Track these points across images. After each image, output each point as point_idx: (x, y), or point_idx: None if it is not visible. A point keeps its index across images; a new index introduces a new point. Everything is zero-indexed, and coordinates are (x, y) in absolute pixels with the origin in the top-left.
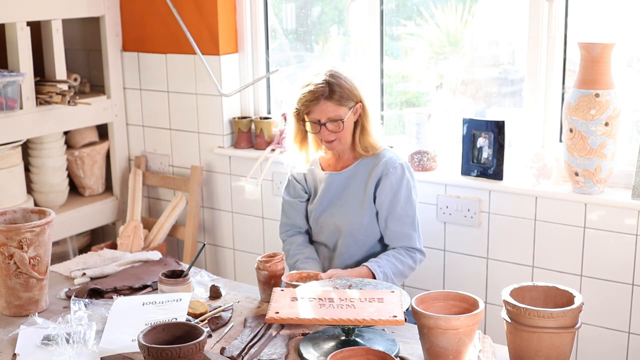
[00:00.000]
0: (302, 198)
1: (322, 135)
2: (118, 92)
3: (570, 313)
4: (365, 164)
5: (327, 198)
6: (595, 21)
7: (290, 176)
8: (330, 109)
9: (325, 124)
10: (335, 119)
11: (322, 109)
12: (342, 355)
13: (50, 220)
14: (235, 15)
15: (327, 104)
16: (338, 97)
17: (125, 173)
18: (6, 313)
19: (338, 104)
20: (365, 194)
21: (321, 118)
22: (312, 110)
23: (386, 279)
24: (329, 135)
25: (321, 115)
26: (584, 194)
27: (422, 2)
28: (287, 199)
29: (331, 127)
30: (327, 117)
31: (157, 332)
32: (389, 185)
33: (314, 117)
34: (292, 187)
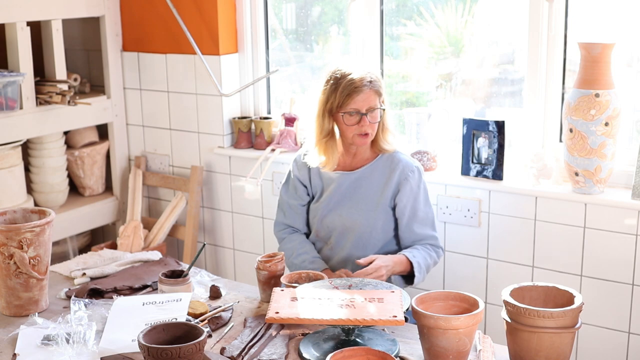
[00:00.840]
0: (303, 201)
1: (361, 126)
2: (118, 92)
3: (570, 313)
4: (380, 166)
5: (336, 198)
6: (595, 21)
7: (293, 177)
8: (371, 98)
9: (366, 114)
10: (375, 107)
11: (365, 97)
12: (342, 355)
13: (50, 220)
14: (235, 15)
15: (370, 93)
16: (377, 86)
17: (125, 173)
18: (6, 313)
19: (377, 94)
20: (382, 197)
21: (362, 108)
22: (354, 101)
23: (420, 270)
24: (369, 126)
25: (363, 104)
26: (584, 194)
27: (422, 2)
28: (287, 199)
29: (371, 118)
30: (369, 106)
31: (157, 332)
32: (409, 190)
33: (354, 107)
34: (294, 188)
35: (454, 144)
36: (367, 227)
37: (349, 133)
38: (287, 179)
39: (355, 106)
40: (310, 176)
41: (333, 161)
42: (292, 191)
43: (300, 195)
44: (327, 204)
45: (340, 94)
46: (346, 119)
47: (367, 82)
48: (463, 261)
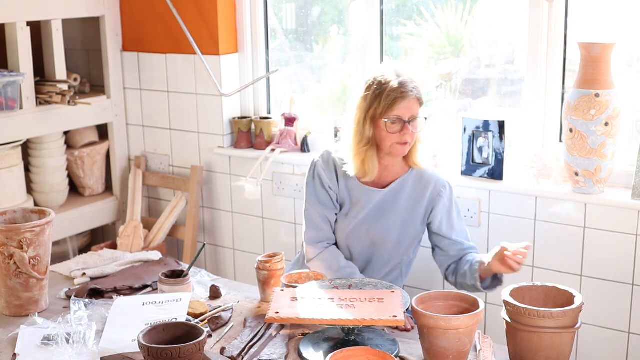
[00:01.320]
0: (335, 210)
1: (403, 134)
2: (118, 92)
3: (570, 313)
4: (410, 181)
5: (364, 213)
6: (595, 21)
7: (324, 184)
8: (415, 107)
9: (409, 122)
10: (417, 116)
11: (409, 105)
12: (342, 355)
13: (50, 220)
14: (235, 15)
15: (414, 101)
16: (420, 95)
17: (125, 173)
18: (6, 313)
19: (419, 103)
20: (412, 214)
21: (406, 115)
22: (398, 107)
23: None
24: (410, 135)
25: (407, 112)
26: (584, 194)
27: (422, 2)
28: (319, 210)
29: (413, 127)
30: (412, 115)
31: (157, 332)
32: (442, 206)
33: (397, 114)
34: (325, 197)
35: (454, 144)
36: (395, 243)
37: (388, 142)
38: (315, 187)
39: (398, 113)
40: (339, 184)
41: (374, 170)
42: (324, 199)
43: (332, 204)
44: (353, 219)
45: (385, 100)
46: (389, 126)
47: (412, 89)
48: None
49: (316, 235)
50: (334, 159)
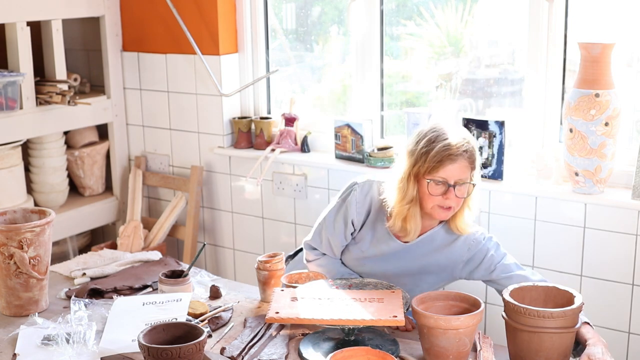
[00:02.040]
0: (345, 242)
1: (446, 198)
2: (118, 92)
3: (570, 313)
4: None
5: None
6: (595, 21)
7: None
8: (464, 170)
9: (454, 186)
10: (465, 180)
11: (457, 167)
12: (342, 355)
13: (50, 220)
14: (235, 15)
15: (464, 164)
16: (473, 158)
17: (125, 173)
18: (6, 313)
19: (471, 166)
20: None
21: (451, 179)
22: (445, 169)
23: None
24: (454, 200)
25: (454, 175)
26: (584, 194)
27: (422, 2)
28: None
29: (458, 192)
30: (459, 178)
31: (157, 332)
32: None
33: (443, 175)
34: (340, 228)
35: None
36: (411, 287)
37: (430, 203)
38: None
39: (444, 175)
40: (365, 223)
41: (415, 231)
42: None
43: (348, 235)
44: (373, 259)
45: (432, 159)
46: (431, 187)
47: (463, 151)
48: None
49: (315, 244)
50: (374, 194)
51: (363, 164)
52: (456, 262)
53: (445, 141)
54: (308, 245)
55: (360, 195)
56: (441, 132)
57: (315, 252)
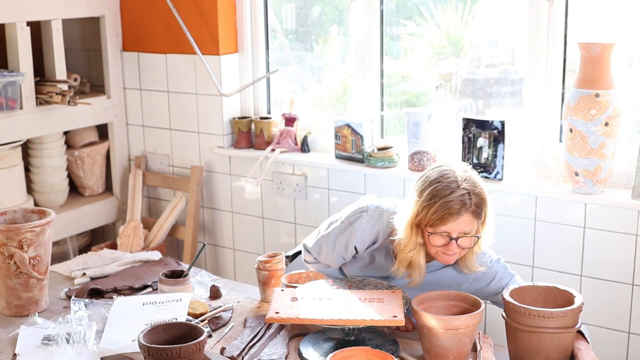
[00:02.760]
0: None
1: (447, 250)
2: (118, 92)
3: (570, 313)
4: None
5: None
6: (595, 21)
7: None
8: (467, 224)
9: (456, 239)
10: (469, 233)
11: (461, 222)
12: (342, 355)
13: (50, 220)
14: (235, 15)
15: (469, 218)
16: (479, 210)
17: (125, 173)
18: (6, 313)
19: (475, 218)
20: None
21: (454, 232)
22: (448, 223)
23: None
24: (459, 251)
25: (456, 229)
26: (584, 194)
27: (422, 2)
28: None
29: (464, 243)
30: (463, 232)
31: (157, 332)
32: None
33: (445, 229)
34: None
35: (454, 144)
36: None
37: (432, 250)
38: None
39: (446, 229)
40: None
41: (420, 277)
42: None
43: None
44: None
45: (433, 215)
46: (432, 239)
47: (470, 205)
48: None
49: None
50: (383, 224)
51: (363, 164)
52: (462, 281)
53: (448, 197)
54: (307, 252)
55: (368, 224)
56: (445, 184)
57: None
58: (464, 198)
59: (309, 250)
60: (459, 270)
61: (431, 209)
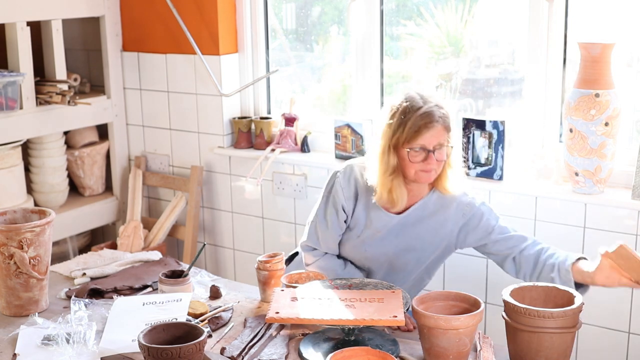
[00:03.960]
0: (339, 232)
1: (427, 164)
2: (118, 92)
3: (570, 313)
4: (430, 205)
5: (382, 235)
6: (595, 21)
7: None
8: (440, 135)
9: (433, 151)
10: (443, 143)
11: (434, 133)
12: (342, 355)
13: (51, 220)
14: (235, 15)
15: (440, 129)
16: (448, 122)
17: (125, 173)
18: (6, 313)
19: (446, 129)
20: (434, 239)
21: (430, 144)
22: (422, 137)
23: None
24: (436, 164)
25: (432, 140)
26: (584, 194)
27: (422, 2)
28: (324, 227)
29: (438, 155)
30: (437, 142)
31: (157, 332)
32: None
33: (421, 143)
34: (335, 216)
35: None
36: (415, 265)
37: (412, 170)
38: (327, 202)
39: (423, 142)
40: (355, 205)
41: (402, 200)
42: (333, 218)
43: (341, 224)
44: (371, 242)
45: (409, 129)
46: (411, 155)
47: (438, 118)
48: (463, 261)
49: (312, 243)
50: (357, 176)
51: None
52: (452, 229)
53: (419, 111)
54: (306, 246)
55: (344, 181)
56: (414, 102)
57: (314, 253)
58: (433, 110)
59: (308, 247)
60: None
61: (407, 125)
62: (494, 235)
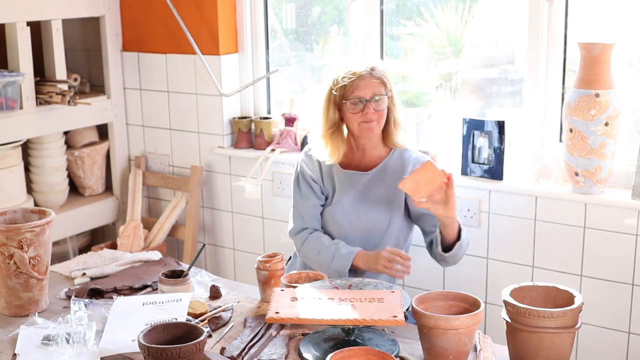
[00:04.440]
0: (320, 202)
1: (365, 113)
2: (118, 92)
3: (570, 313)
4: (392, 164)
5: (351, 199)
6: (595, 21)
7: (306, 177)
8: (375, 85)
9: (370, 101)
10: (379, 94)
11: (368, 84)
12: (342, 355)
13: (50, 220)
14: (235, 15)
15: (373, 80)
16: (381, 75)
17: (125, 173)
18: (6, 313)
19: (380, 82)
20: (397, 196)
21: (366, 94)
22: (357, 88)
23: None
24: (373, 113)
25: (366, 91)
26: (584, 194)
27: (422, 2)
28: (302, 203)
29: (375, 105)
30: (373, 93)
31: (157, 332)
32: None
33: (358, 94)
34: (309, 189)
35: (454, 144)
36: (385, 226)
37: (354, 122)
38: (298, 182)
39: (358, 94)
40: (322, 175)
41: (339, 153)
42: (307, 191)
43: (318, 194)
44: (341, 206)
45: (345, 82)
46: (350, 107)
47: (369, 70)
48: (463, 261)
49: (298, 225)
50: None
51: None
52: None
53: (352, 66)
54: (293, 231)
55: (307, 158)
56: (348, 62)
57: (302, 235)
58: (366, 64)
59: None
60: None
61: (342, 79)
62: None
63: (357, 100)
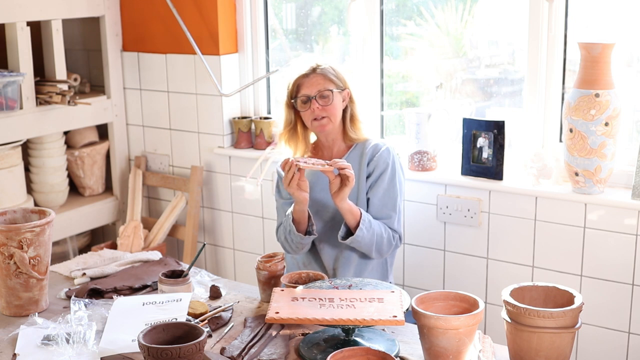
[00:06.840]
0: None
1: (312, 110)
2: (118, 92)
3: (570, 313)
4: (353, 156)
5: (321, 194)
6: (595, 21)
7: (280, 177)
8: (319, 82)
9: (315, 97)
10: (324, 90)
11: (312, 82)
12: (342, 355)
13: (50, 220)
14: (235, 15)
15: (317, 78)
16: (326, 72)
17: (125, 173)
18: (6, 313)
19: (326, 78)
20: (359, 186)
21: (311, 92)
22: (302, 86)
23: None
24: (319, 110)
25: (311, 88)
26: (584, 194)
27: (422, 2)
28: (281, 201)
29: (321, 102)
30: (317, 90)
31: (157, 332)
32: (374, 166)
33: (304, 92)
34: (284, 191)
35: (454, 144)
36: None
37: (308, 120)
38: (277, 184)
39: (304, 92)
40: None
41: (299, 151)
42: (283, 191)
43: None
44: (314, 201)
45: (292, 83)
46: (300, 105)
47: (312, 69)
48: (463, 261)
49: (278, 223)
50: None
51: None
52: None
53: (298, 68)
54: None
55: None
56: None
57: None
58: (311, 64)
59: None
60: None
61: (290, 81)
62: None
63: (305, 98)
